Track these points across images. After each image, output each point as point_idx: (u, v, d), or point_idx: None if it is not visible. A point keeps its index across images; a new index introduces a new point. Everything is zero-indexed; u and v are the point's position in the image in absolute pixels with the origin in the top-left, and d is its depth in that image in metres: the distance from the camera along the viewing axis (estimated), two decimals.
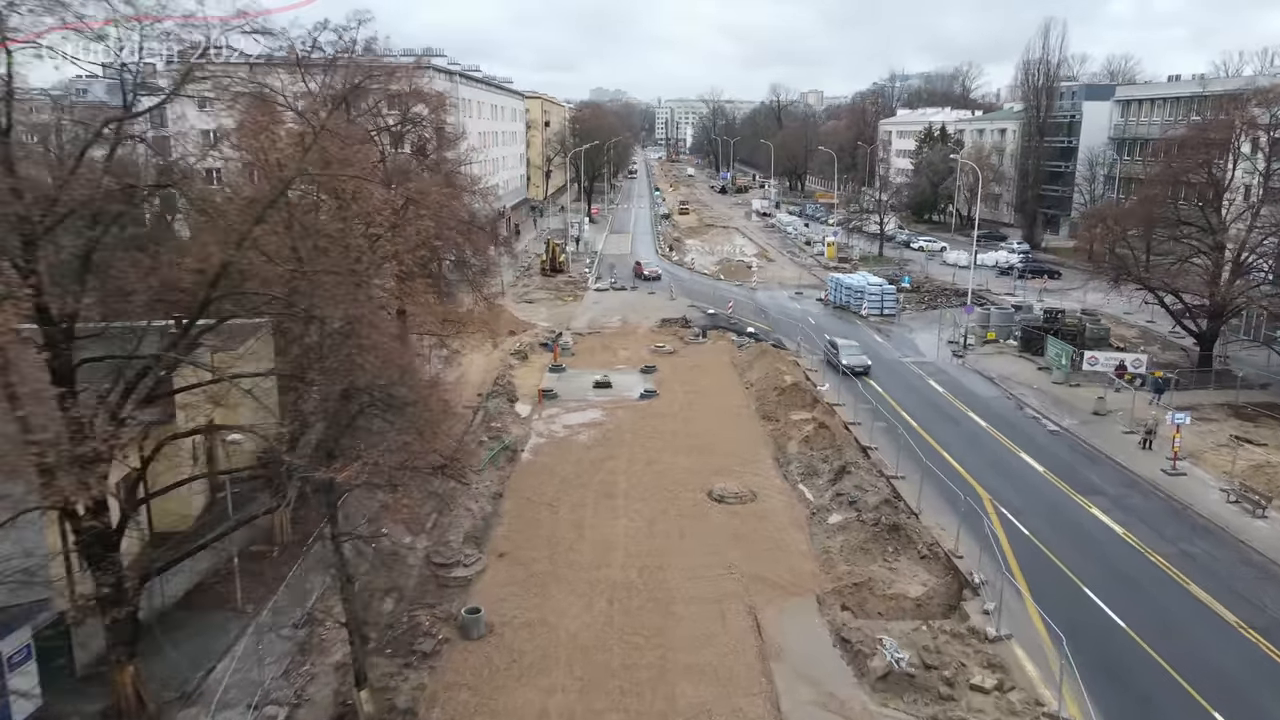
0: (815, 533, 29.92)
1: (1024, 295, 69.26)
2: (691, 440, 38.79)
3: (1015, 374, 48.72)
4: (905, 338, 58.59)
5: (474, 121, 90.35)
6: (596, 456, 36.93)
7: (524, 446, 38.03)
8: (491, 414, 41.40)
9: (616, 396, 45.27)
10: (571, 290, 74.54)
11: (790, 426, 39.68)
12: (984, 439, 38.72)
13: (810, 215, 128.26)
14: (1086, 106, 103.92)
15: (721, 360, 52.28)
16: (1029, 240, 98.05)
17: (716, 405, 43.73)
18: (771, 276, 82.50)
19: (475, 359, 51.58)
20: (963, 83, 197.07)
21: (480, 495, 32.49)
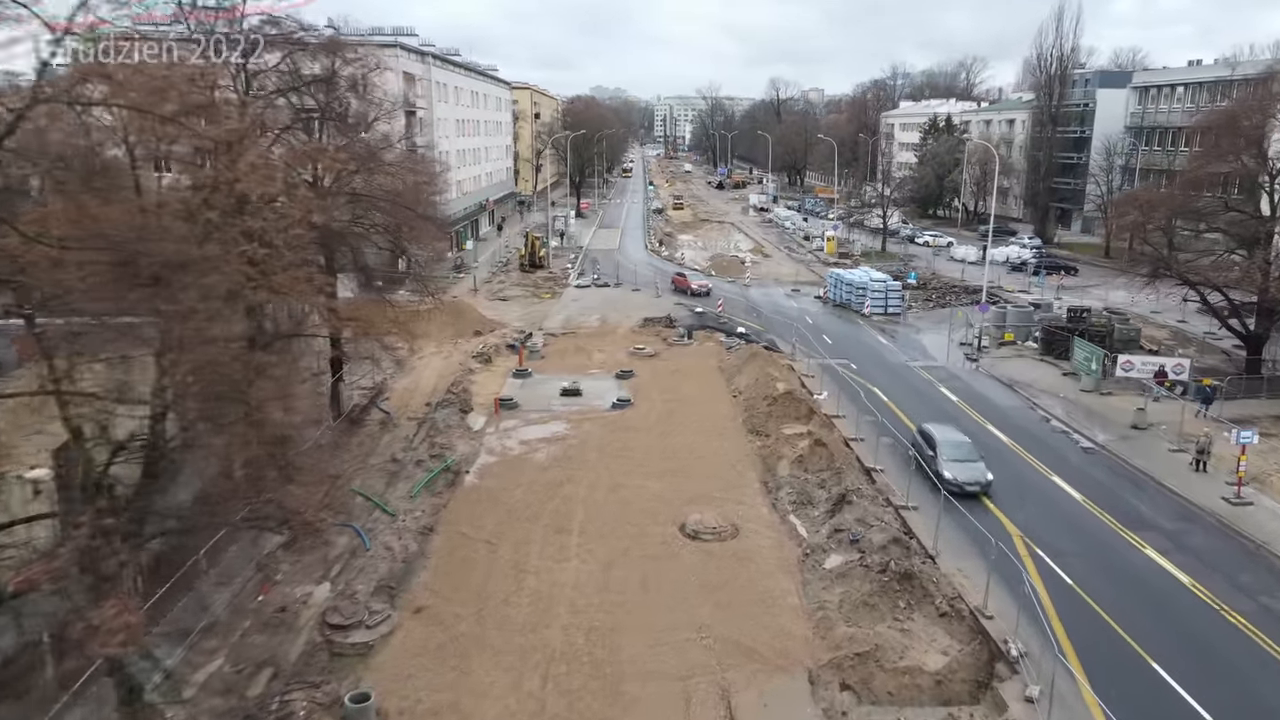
0: (809, 580, 24.35)
1: (1040, 293, 63.75)
2: (666, 459, 33.25)
3: (1037, 380, 43.15)
4: (912, 339, 53.03)
5: (450, 108, 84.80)
6: (553, 479, 31.37)
7: (469, 467, 32.47)
8: (439, 427, 35.85)
9: (585, 406, 39.73)
10: (550, 287, 69.01)
11: (782, 442, 34.13)
12: (1008, 458, 33.14)
13: (809, 210, 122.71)
14: (1101, 94, 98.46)
15: (707, 364, 46.71)
16: (1041, 235, 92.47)
17: (698, 416, 38.18)
18: (767, 273, 76.96)
19: (433, 362, 46.31)
20: (967, 76, 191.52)
21: (406, 530, 26.96)
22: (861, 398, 37.53)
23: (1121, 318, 48.54)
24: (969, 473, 29.49)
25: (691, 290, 64.21)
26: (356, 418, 36.82)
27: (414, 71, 73.32)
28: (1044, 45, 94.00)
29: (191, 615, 21.58)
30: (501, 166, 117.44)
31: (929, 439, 31.56)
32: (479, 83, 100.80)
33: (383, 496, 29.53)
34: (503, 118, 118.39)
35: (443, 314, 52.85)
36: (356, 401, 38.61)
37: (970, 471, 29.55)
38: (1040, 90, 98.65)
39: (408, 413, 38.32)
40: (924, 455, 30.59)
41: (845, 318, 58.77)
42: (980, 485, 29.24)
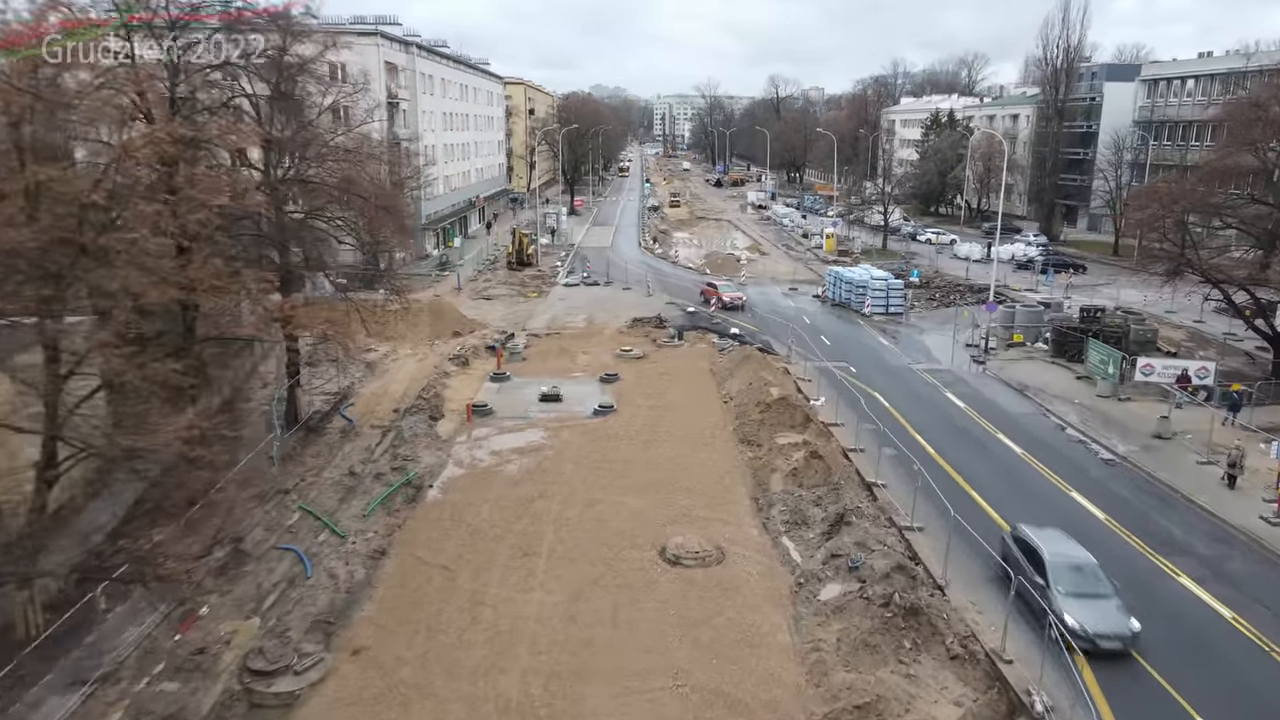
0: (802, 614, 21.60)
1: (1049, 291, 61.00)
2: (649, 472, 30.49)
3: (1049, 384, 40.38)
4: (915, 340, 50.25)
5: (436, 100, 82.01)
6: (524, 494, 28.63)
7: (433, 480, 29.69)
8: (404, 436, 33.09)
9: (565, 412, 36.98)
10: (537, 286, 66.24)
11: (775, 453, 31.37)
12: (1022, 472, 30.38)
13: (808, 207, 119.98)
14: (1108, 88, 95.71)
15: (698, 367, 43.94)
16: (1046, 232, 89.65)
17: (685, 424, 35.42)
18: (763, 271, 74.19)
19: (406, 365, 43.65)
20: (968, 73, 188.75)
21: (354, 554, 24.21)
22: (861, 404, 34.77)
23: (1137, 318, 45.80)
24: (1102, 618, 19.47)
25: (723, 303, 55.50)
26: (316, 425, 34.11)
27: (396, 61, 70.61)
28: (1050, 37, 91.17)
29: (93, 659, 18.85)
30: (493, 163, 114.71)
31: (1031, 553, 21.59)
32: (468, 75, 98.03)
33: (334, 515, 26.81)
34: (494, 112, 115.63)
35: (420, 314, 50.40)
36: (318, 408, 35.91)
37: (1103, 615, 19.54)
38: (1046, 84, 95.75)
39: (372, 420, 35.59)
40: (1023, 573, 20.75)
41: (844, 318, 56.01)
42: (1122, 640, 19.27)
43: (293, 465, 30.41)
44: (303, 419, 33.66)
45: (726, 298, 56.26)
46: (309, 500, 27.79)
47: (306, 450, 31.91)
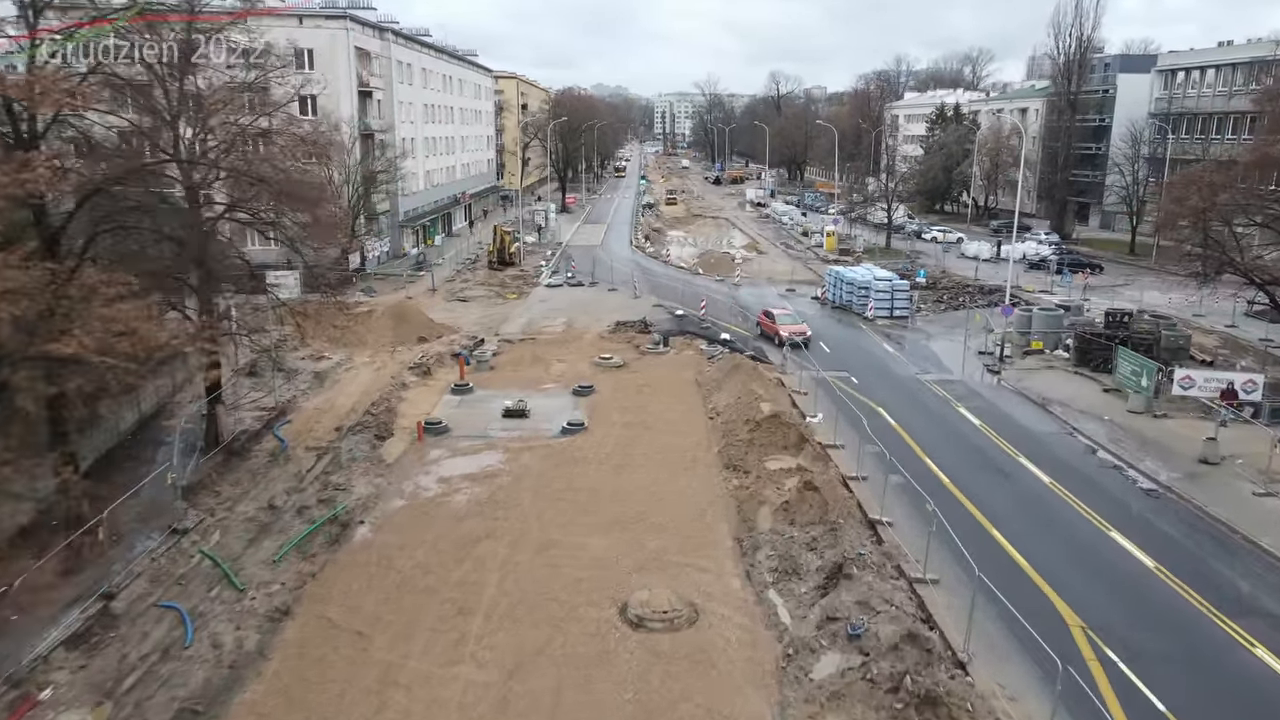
0: (790, 699, 17.38)
1: (1067, 293, 56.81)
2: (617, 504, 26.30)
3: (1074, 398, 36.15)
4: (922, 346, 46.02)
5: (415, 90, 77.87)
6: (469, 533, 24.45)
7: (366, 515, 25.49)
8: (340, 461, 28.93)
9: (529, 431, 32.81)
10: (518, 286, 62.06)
11: (764, 482, 27.14)
12: (1051, 505, 26.15)
13: (808, 205, 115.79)
14: (1122, 80, 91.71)
15: (682, 377, 39.73)
16: (1058, 230, 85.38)
17: (664, 445, 31.22)
18: (760, 270, 69.98)
19: (361, 375, 39.52)
20: (973, 70, 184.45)
21: (251, 613, 20.05)
22: (863, 422, 30.58)
23: (1168, 323, 41.61)
24: None
25: (782, 339, 43.90)
26: (241, 448, 29.87)
27: (369, 48, 66.48)
28: (1062, 25, 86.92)
29: None
30: (482, 158, 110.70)
31: None
32: (453, 66, 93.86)
33: (238, 560, 22.61)
34: (483, 106, 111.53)
35: (382, 318, 46.36)
36: (247, 427, 31.69)
37: None
38: (1058, 76, 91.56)
39: (309, 440, 31.37)
40: None
41: (845, 321, 51.80)
42: None
43: (204, 497, 26.20)
44: (225, 440, 29.42)
45: (785, 332, 44.12)
46: (213, 541, 23.61)
47: (225, 478, 27.69)
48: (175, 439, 27.38)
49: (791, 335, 43.65)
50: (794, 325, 45.15)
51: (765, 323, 46.51)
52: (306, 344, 44.03)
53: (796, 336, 43.71)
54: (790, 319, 46.13)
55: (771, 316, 46.37)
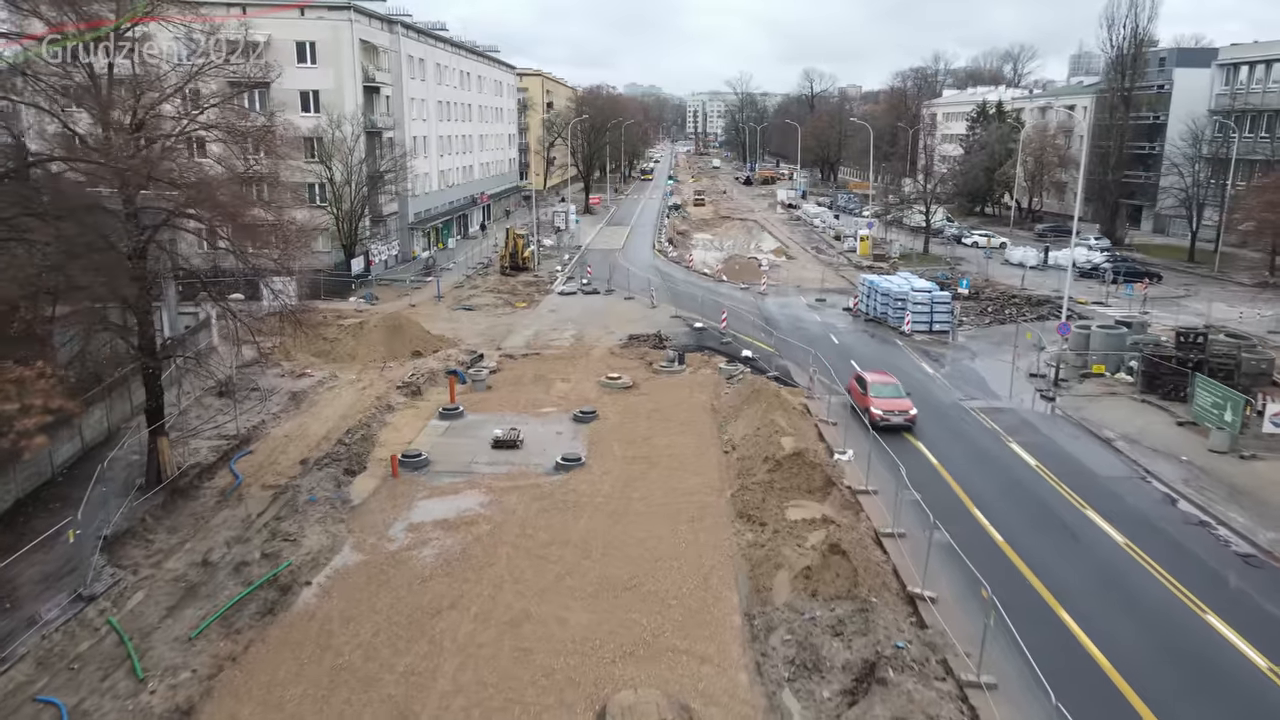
0: None
1: (1130, 306, 51.96)
2: (609, 563, 22.39)
3: (1144, 432, 31.60)
4: (966, 367, 41.58)
5: (428, 86, 74.49)
6: (431, 600, 20.66)
7: (314, 574, 21.78)
8: (298, 504, 25.26)
9: (519, 466, 29.00)
10: (529, 294, 58.40)
11: (783, 537, 23.04)
12: (1130, 577, 21.77)
13: (841, 207, 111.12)
14: (1179, 74, 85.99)
15: (697, 401, 35.72)
16: (1109, 235, 80.00)
17: (670, 488, 27.22)
18: (788, 277, 65.70)
19: (343, 395, 35.99)
20: (1014, 67, 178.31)
21: (145, 713, 16.37)
22: (900, 466, 26.36)
23: (1247, 343, 36.86)
24: None
25: (872, 416, 31.74)
26: (188, 485, 26.34)
27: (377, 41, 63.11)
28: (1115, 17, 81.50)
29: None
30: (503, 158, 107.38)
31: None
32: (472, 62, 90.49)
33: (150, 634, 18.99)
34: (504, 104, 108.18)
35: (374, 330, 42.86)
36: (201, 459, 28.17)
37: None
38: (1110, 70, 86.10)
39: (270, 475, 27.79)
40: None
41: (880, 336, 47.44)
42: None
43: (131, 548, 22.67)
44: (170, 477, 25.89)
45: (879, 408, 32.01)
46: (128, 608, 20.04)
47: (162, 523, 24.16)
48: (96, 480, 23.84)
49: (887, 414, 31.91)
50: (893, 400, 32.66)
51: (855, 391, 34.50)
52: (293, 358, 41.03)
53: (894, 415, 31.93)
54: (889, 390, 33.19)
55: (863, 384, 33.76)
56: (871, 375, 34.51)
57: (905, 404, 32.46)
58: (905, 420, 31.97)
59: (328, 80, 57.95)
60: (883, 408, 32.20)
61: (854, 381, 34.95)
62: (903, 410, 32.23)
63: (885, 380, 34.15)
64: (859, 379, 34.56)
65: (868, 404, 32.39)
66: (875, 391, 33.11)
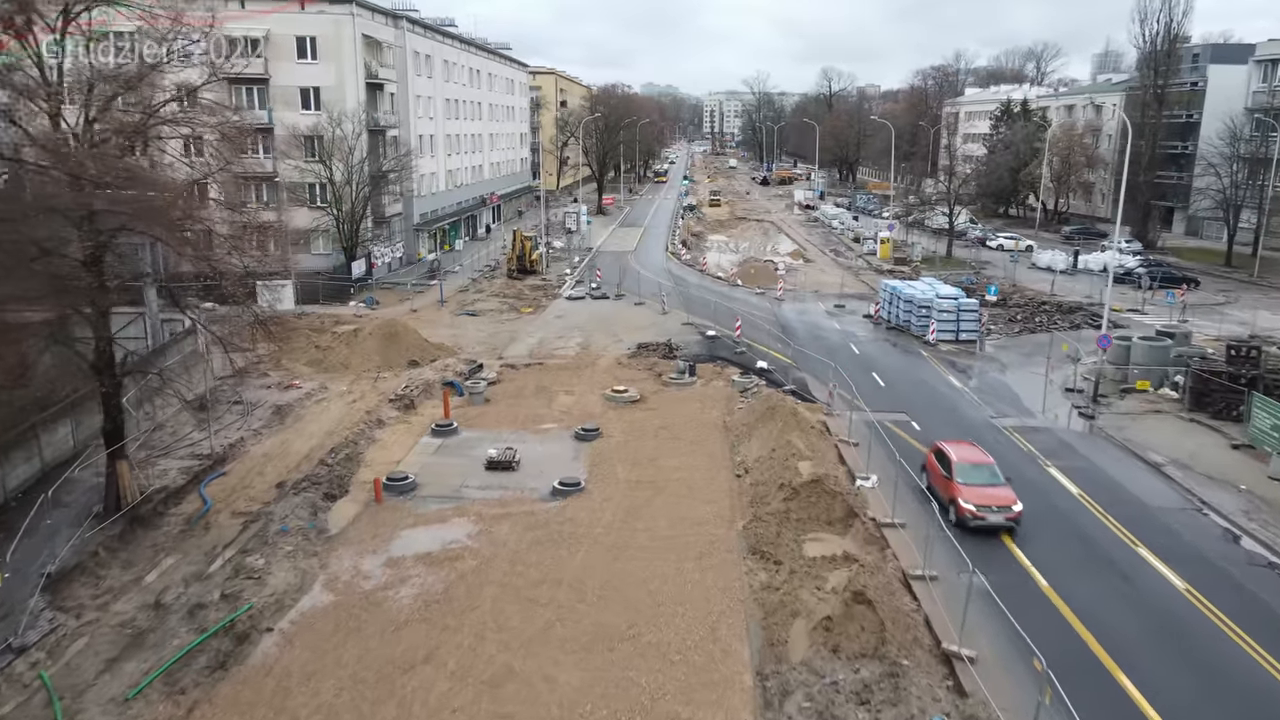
0: None
1: (1172, 315, 49.21)
2: (606, 607, 20.07)
3: (1195, 456, 28.96)
4: (995, 380, 39.00)
5: (435, 84, 72.50)
6: (404, 652, 18.40)
7: (278, 618, 19.57)
8: (267, 535, 23.08)
9: (514, 490, 26.76)
10: (535, 298, 56.18)
11: (801, 578, 20.70)
12: (1193, 630, 19.24)
13: (860, 208, 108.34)
14: (1213, 71, 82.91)
15: (708, 418, 33.35)
16: (1140, 238, 76.98)
17: (676, 517, 24.89)
18: (806, 282, 63.18)
19: (331, 409, 33.89)
20: (1037, 65, 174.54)
21: None
22: (924, 487, 23.92)
23: None
24: None
25: (960, 510, 23.60)
26: (150, 512, 24.21)
27: (381, 37, 61.07)
28: (1148, 11, 78.45)
29: None
30: (515, 157, 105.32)
31: None
32: (481, 59, 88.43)
33: (84, 693, 16.83)
34: (516, 102, 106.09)
35: (367, 339, 40.77)
36: (169, 482, 26.06)
37: None
38: (1143, 66, 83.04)
39: (242, 500, 25.64)
40: None
41: (903, 346, 44.88)
42: None
43: (79, 587, 20.55)
44: (131, 503, 23.77)
45: (970, 501, 23.54)
46: (65, 659, 17.91)
47: (117, 556, 22.05)
48: (39, 508, 21.74)
49: (981, 510, 23.24)
50: (989, 489, 23.88)
51: (934, 470, 25.76)
52: (283, 368, 39.03)
53: (992, 513, 23.26)
54: (983, 475, 24.36)
55: (946, 463, 25.02)
56: (957, 449, 25.56)
57: (1006, 495, 23.76)
58: (1007, 520, 23.27)
59: (329, 76, 55.92)
60: (975, 500, 23.41)
61: (932, 457, 26.24)
62: (1003, 505, 23.43)
63: (977, 459, 25.12)
64: (939, 453, 25.73)
65: (954, 493, 23.93)
66: (964, 475, 24.25)
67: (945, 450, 25.62)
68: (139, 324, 35.62)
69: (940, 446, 26.05)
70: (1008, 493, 23.90)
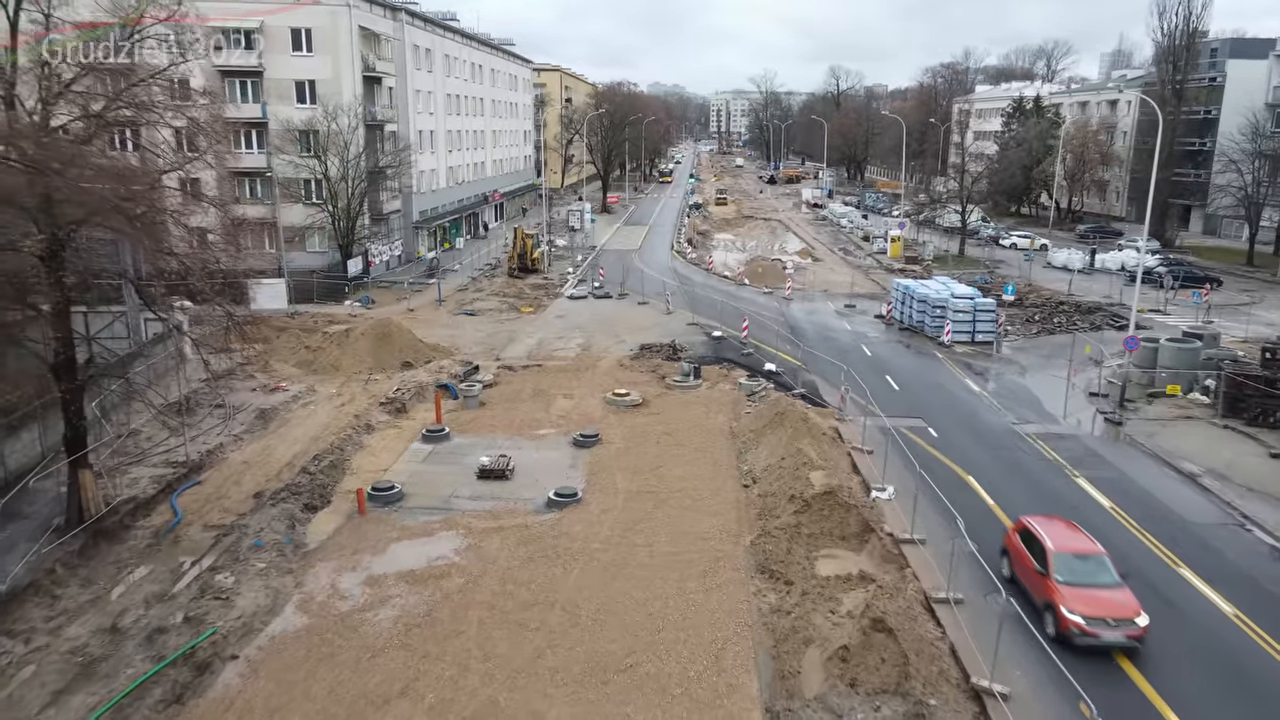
0: None
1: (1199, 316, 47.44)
2: (601, 634, 18.43)
3: (1232, 466, 27.20)
4: (1015, 383, 37.27)
5: (436, 78, 70.98)
6: (380, 684, 16.80)
7: (243, 645, 17.98)
8: (238, 550, 21.48)
9: (506, 501, 25.15)
10: (536, 298, 54.59)
11: (814, 600, 19.06)
12: (1248, 662, 17.53)
13: (869, 206, 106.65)
14: (1232, 66, 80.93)
15: (714, 423, 31.68)
16: (1158, 236, 74.99)
17: (679, 531, 23.24)
18: (814, 281, 61.46)
19: (318, 413, 32.37)
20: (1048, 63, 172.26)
21: None
22: (948, 500, 22.24)
23: None
24: None
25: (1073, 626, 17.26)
26: (116, 525, 22.63)
27: (379, 29, 59.55)
28: (1168, 3, 76.52)
29: None
30: (518, 154, 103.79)
31: None
32: (484, 55, 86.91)
33: None
34: (519, 99, 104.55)
35: (359, 339, 39.21)
36: (139, 491, 24.51)
37: None
38: (1161, 61, 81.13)
39: (217, 511, 24.07)
40: None
41: (917, 347, 43.17)
42: None
43: (32, 607, 18.99)
44: (95, 514, 22.20)
45: (1079, 611, 17.40)
46: (9, 690, 16.34)
47: (76, 574, 20.48)
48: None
49: (1089, 622, 17.21)
50: (1102, 592, 17.83)
51: (1019, 558, 19.72)
52: (270, 370, 37.52)
53: (1108, 629, 17.24)
54: (1091, 569, 18.32)
55: (1038, 550, 18.99)
56: (1051, 531, 19.39)
57: (1126, 602, 17.51)
58: (1127, 639, 17.20)
59: (324, 69, 54.42)
60: (1084, 609, 17.32)
61: (1016, 538, 20.13)
62: (1122, 617, 17.24)
63: (1082, 547, 18.88)
64: (1027, 535, 19.66)
65: (1053, 596, 17.84)
66: (1067, 572, 18.04)
67: (1036, 532, 19.46)
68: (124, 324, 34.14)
69: (1028, 525, 19.91)
70: (1128, 598, 17.63)
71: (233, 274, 23.13)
